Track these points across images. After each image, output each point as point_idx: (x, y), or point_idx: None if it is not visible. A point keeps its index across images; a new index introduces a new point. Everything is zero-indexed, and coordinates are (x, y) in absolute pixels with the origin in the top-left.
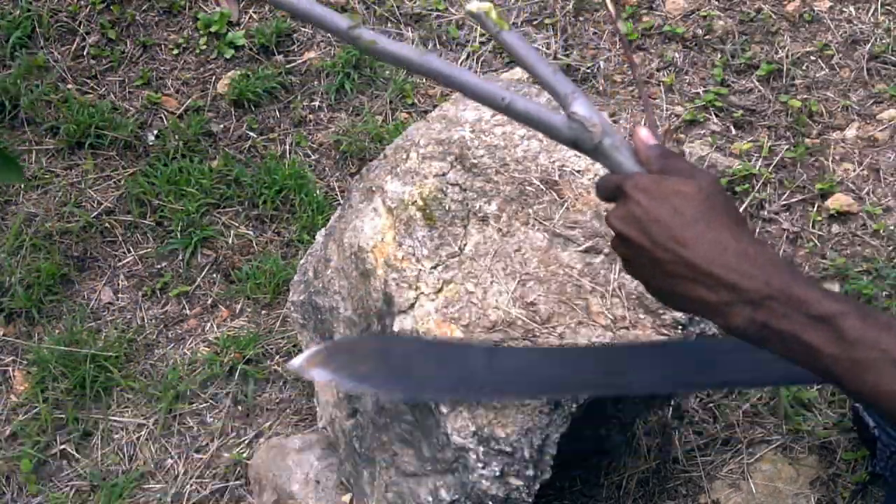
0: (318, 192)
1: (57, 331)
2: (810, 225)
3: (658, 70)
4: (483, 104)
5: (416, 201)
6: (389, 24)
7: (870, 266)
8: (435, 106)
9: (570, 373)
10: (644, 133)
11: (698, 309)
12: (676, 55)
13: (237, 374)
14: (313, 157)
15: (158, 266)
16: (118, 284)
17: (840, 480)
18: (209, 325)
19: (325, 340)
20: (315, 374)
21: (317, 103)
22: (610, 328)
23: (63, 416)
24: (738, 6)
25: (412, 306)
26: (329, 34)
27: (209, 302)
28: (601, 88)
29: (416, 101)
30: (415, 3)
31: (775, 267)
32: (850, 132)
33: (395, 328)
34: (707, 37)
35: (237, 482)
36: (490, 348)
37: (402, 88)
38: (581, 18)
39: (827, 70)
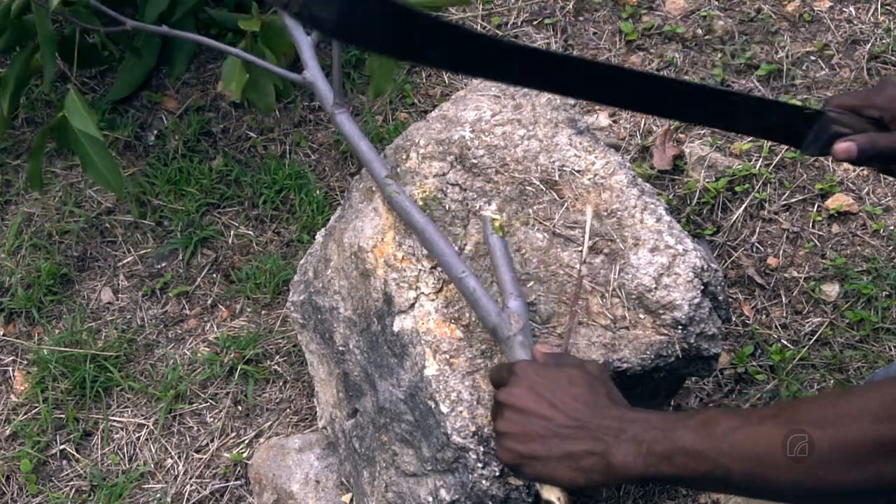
0: (318, 192)
1: (57, 331)
2: (810, 225)
3: (658, 70)
4: (444, 270)
5: (416, 201)
6: None
7: (870, 266)
8: (435, 106)
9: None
10: (539, 354)
11: (584, 464)
12: (676, 55)
13: (237, 374)
14: (313, 157)
15: (158, 266)
16: (118, 284)
17: None
18: (209, 325)
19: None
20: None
21: (317, 103)
22: (610, 328)
23: (63, 416)
24: (738, 6)
25: (412, 306)
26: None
27: (209, 302)
28: None
29: (416, 101)
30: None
31: (650, 412)
32: None
33: (396, 328)
34: (707, 37)
35: (237, 482)
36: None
37: (402, 88)
38: (581, 18)
39: (827, 70)
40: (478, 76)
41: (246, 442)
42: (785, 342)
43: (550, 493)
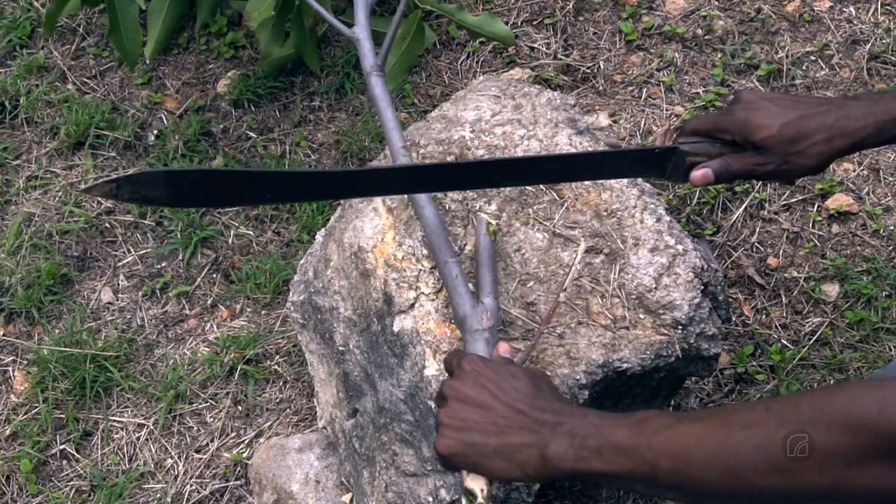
0: None
1: (57, 331)
2: (810, 225)
3: (658, 70)
4: (432, 252)
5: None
6: None
7: (870, 266)
8: (435, 106)
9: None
10: (503, 349)
11: (519, 458)
12: (676, 55)
13: (237, 374)
14: (313, 157)
15: (158, 266)
16: (118, 284)
17: None
18: (209, 325)
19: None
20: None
21: (317, 103)
22: (610, 328)
23: (63, 416)
24: (738, 6)
25: (412, 306)
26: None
27: (209, 302)
28: (601, 88)
29: (416, 101)
30: None
31: (589, 410)
32: None
33: (395, 328)
34: (707, 37)
35: (237, 482)
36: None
37: (403, 88)
38: (581, 18)
39: (827, 70)
40: (304, 201)
41: (246, 442)
42: (785, 342)
43: (475, 482)
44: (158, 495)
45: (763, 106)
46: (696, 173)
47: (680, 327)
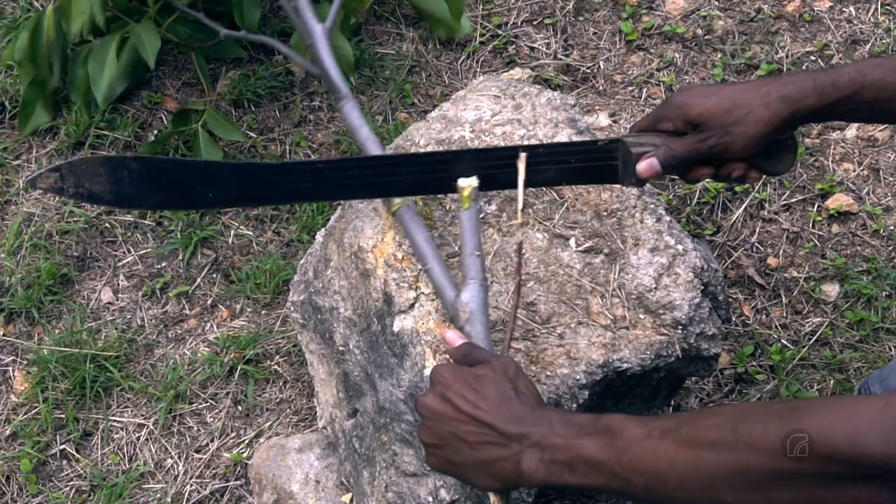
0: None
1: (57, 331)
2: (810, 225)
3: (658, 70)
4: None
5: (416, 201)
6: (390, 24)
7: (870, 266)
8: (435, 106)
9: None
10: (450, 336)
11: (495, 470)
12: (676, 55)
13: (237, 374)
14: (313, 158)
15: (158, 266)
16: (118, 284)
17: None
18: (209, 325)
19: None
20: (47, 191)
21: (317, 103)
22: (610, 328)
23: (63, 416)
24: (738, 6)
25: (412, 306)
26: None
27: (209, 302)
28: (601, 88)
29: (416, 101)
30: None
31: (556, 414)
32: (850, 132)
33: (396, 328)
34: (707, 37)
35: (237, 482)
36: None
37: (402, 88)
38: (581, 18)
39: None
40: (256, 205)
41: (246, 442)
42: (785, 342)
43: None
44: (158, 495)
45: (698, 89)
46: (641, 164)
47: (680, 327)
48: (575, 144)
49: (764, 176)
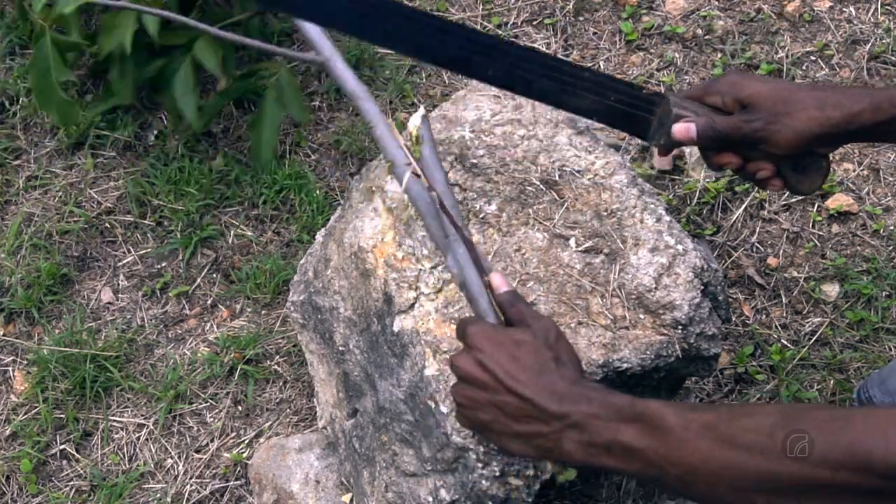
0: (318, 192)
1: (57, 331)
2: (810, 225)
3: (658, 70)
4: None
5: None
6: None
7: (870, 266)
8: (435, 106)
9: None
10: (497, 280)
11: (534, 444)
12: (676, 55)
13: (237, 374)
14: (313, 157)
15: (158, 266)
16: (118, 284)
17: None
18: (209, 325)
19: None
20: None
21: (317, 103)
22: (610, 328)
23: (63, 416)
24: (738, 6)
25: (412, 306)
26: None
27: (209, 302)
28: None
29: (415, 101)
30: (415, 2)
31: (596, 392)
32: None
33: (396, 328)
34: (707, 37)
35: (237, 482)
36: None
37: (402, 88)
38: (581, 18)
39: (827, 70)
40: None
41: (246, 442)
42: (785, 342)
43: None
44: (158, 495)
45: (753, 74)
46: (679, 126)
47: (680, 327)
48: (620, 82)
49: (786, 191)
